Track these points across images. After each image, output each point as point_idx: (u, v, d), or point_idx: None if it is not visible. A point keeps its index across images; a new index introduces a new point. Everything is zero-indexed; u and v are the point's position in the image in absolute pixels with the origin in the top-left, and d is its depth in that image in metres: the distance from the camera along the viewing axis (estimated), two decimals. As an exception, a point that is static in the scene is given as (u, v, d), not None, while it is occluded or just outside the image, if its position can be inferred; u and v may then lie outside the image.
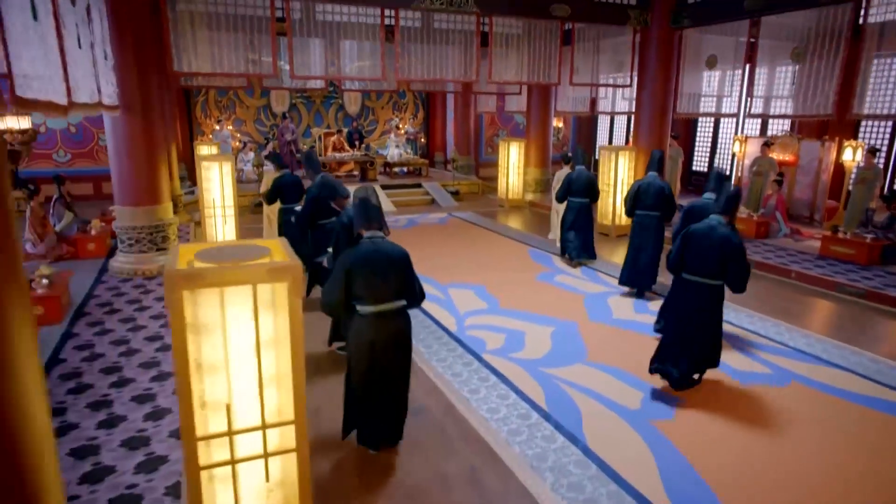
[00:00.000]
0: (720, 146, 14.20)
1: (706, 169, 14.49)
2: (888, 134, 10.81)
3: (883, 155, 10.51)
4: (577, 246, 7.87)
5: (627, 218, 6.77)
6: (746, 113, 9.28)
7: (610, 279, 7.40)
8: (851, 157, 9.44)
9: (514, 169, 13.08)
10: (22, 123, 11.10)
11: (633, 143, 10.56)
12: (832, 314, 6.49)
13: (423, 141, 17.42)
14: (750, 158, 11.31)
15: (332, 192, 5.14)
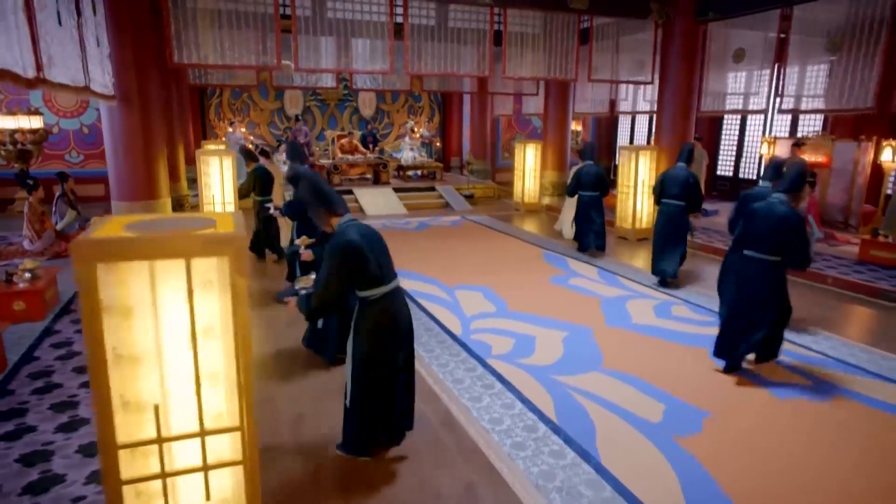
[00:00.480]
0: (746, 148, 13.58)
1: (732, 174, 13.87)
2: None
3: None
4: (587, 234, 8.21)
5: (655, 206, 6.92)
6: (777, 108, 8.72)
7: (628, 282, 6.92)
8: (891, 157, 8.83)
9: (530, 172, 12.66)
10: (33, 123, 11.08)
11: (654, 143, 10.07)
12: (876, 322, 5.91)
13: (438, 145, 17.08)
14: (779, 161, 10.71)
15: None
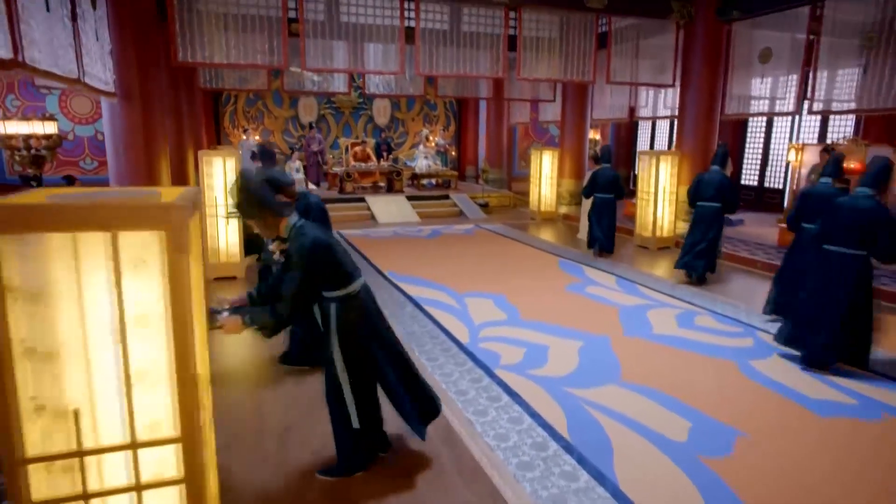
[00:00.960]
0: (772, 155, 13.07)
1: (757, 183, 13.36)
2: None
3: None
4: (599, 237, 8.29)
5: (690, 208, 7.06)
6: (808, 109, 8.27)
7: (649, 291, 6.50)
8: (930, 162, 8.29)
9: (546, 180, 12.31)
10: (47, 129, 11.10)
11: (676, 147, 9.66)
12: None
13: (453, 154, 16.83)
14: (807, 168, 10.21)
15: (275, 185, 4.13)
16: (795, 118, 12.08)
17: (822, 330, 4.34)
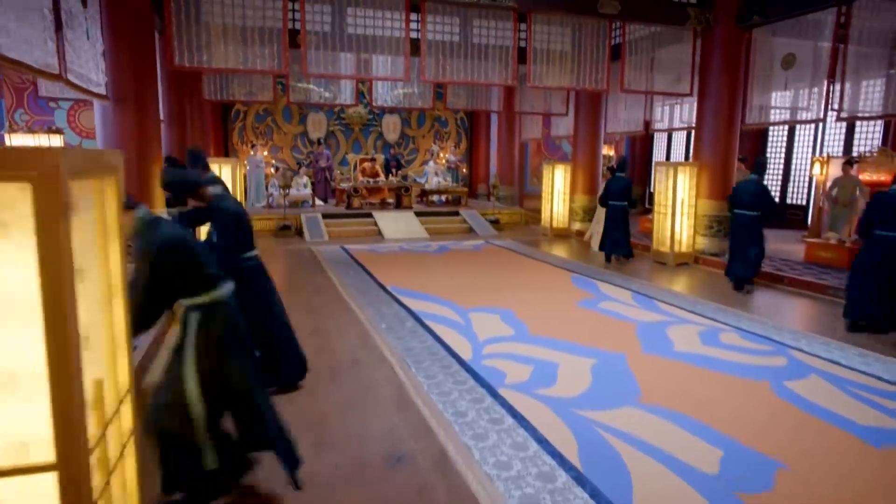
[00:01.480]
0: (794, 169, 12.55)
1: (778, 199, 12.83)
2: None
3: None
4: (612, 244, 8.42)
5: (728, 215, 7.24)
6: (836, 117, 7.82)
7: (668, 307, 6.04)
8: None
9: (559, 195, 11.94)
10: (53, 141, 11.04)
11: (693, 159, 9.24)
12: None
13: (464, 171, 16.54)
14: (830, 182, 9.70)
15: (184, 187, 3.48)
16: (819, 130, 11.62)
17: (880, 304, 4.96)
